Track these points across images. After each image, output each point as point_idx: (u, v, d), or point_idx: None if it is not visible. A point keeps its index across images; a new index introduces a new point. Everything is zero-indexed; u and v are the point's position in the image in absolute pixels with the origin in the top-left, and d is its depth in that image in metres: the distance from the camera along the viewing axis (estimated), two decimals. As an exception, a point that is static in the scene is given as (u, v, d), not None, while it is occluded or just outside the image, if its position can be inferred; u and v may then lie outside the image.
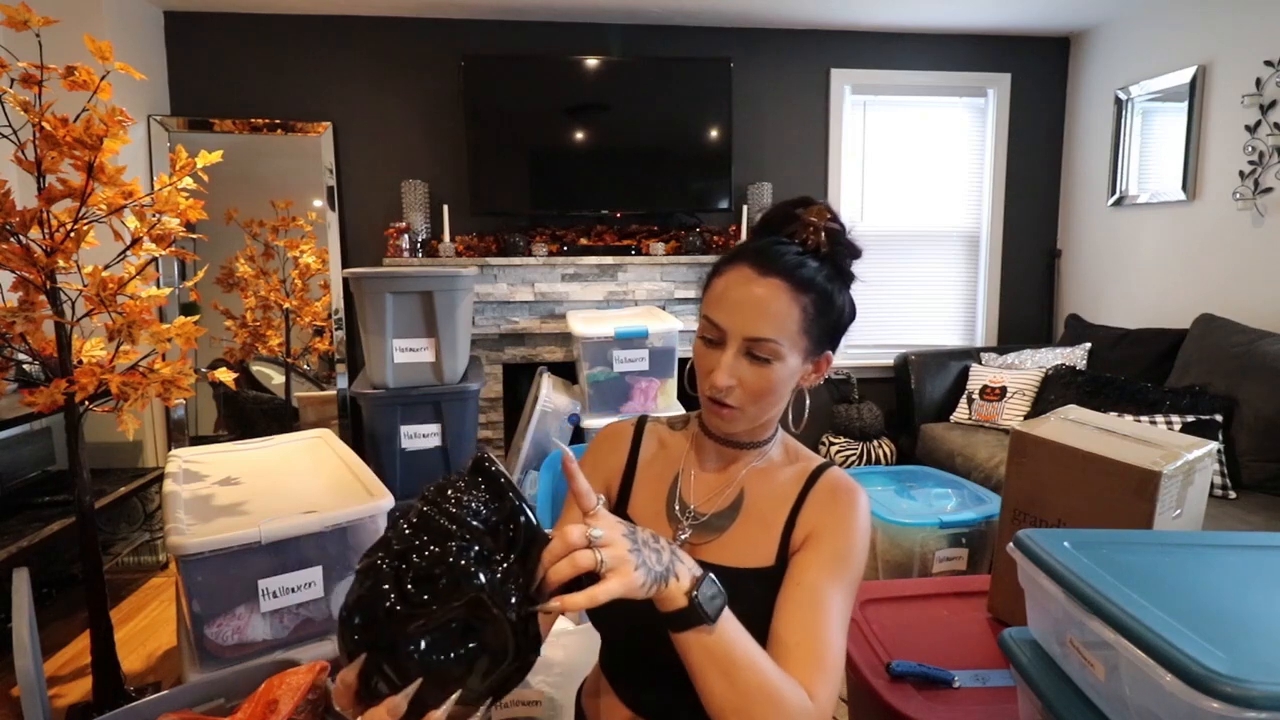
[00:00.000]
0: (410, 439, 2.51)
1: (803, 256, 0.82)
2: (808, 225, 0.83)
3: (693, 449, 0.94)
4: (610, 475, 0.96)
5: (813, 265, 0.82)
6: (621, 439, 0.98)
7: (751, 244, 0.84)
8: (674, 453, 0.95)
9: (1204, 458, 1.29)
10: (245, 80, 3.18)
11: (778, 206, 0.86)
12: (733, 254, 0.85)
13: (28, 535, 2.14)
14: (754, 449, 0.90)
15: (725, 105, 3.22)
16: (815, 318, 0.82)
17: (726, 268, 0.84)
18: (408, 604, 0.62)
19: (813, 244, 0.83)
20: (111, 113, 1.60)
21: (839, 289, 0.85)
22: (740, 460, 0.90)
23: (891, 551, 2.49)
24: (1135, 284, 3.28)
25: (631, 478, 0.95)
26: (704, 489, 0.90)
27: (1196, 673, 0.66)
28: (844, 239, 0.85)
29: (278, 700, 1.21)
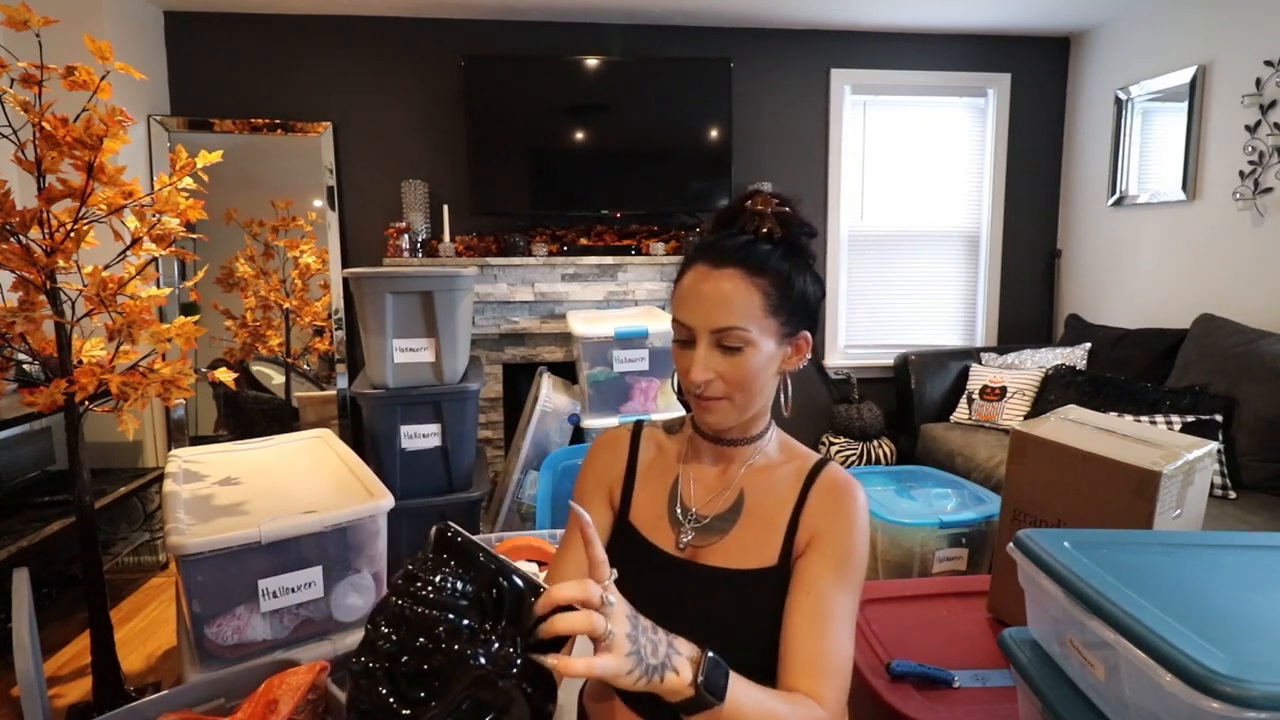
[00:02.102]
0: (410, 439, 2.51)
1: (753, 243, 0.83)
2: (754, 214, 0.84)
3: (689, 451, 0.94)
4: (611, 482, 0.96)
5: (764, 249, 0.83)
6: (619, 445, 0.98)
7: (703, 241, 0.85)
8: (671, 456, 0.95)
9: (1204, 458, 1.29)
10: (245, 80, 3.18)
11: (727, 205, 0.88)
12: (688, 256, 0.86)
13: (28, 535, 2.14)
14: (748, 445, 0.90)
15: (725, 105, 3.22)
16: (778, 299, 0.82)
17: (685, 270, 0.85)
18: (411, 704, 0.61)
19: (764, 230, 0.84)
20: (111, 113, 1.60)
21: (797, 267, 0.85)
22: (737, 459, 0.90)
23: (891, 551, 2.49)
24: (1135, 284, 3.28)
25: (632, 484, 0.95)
26: (704, 491, 0.90)
27: (1196, 673, 0.66)
28: (793, 219, 0.85)
29: (278, 700, 1.21)
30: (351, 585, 1.68)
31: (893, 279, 3.70)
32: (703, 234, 3.26)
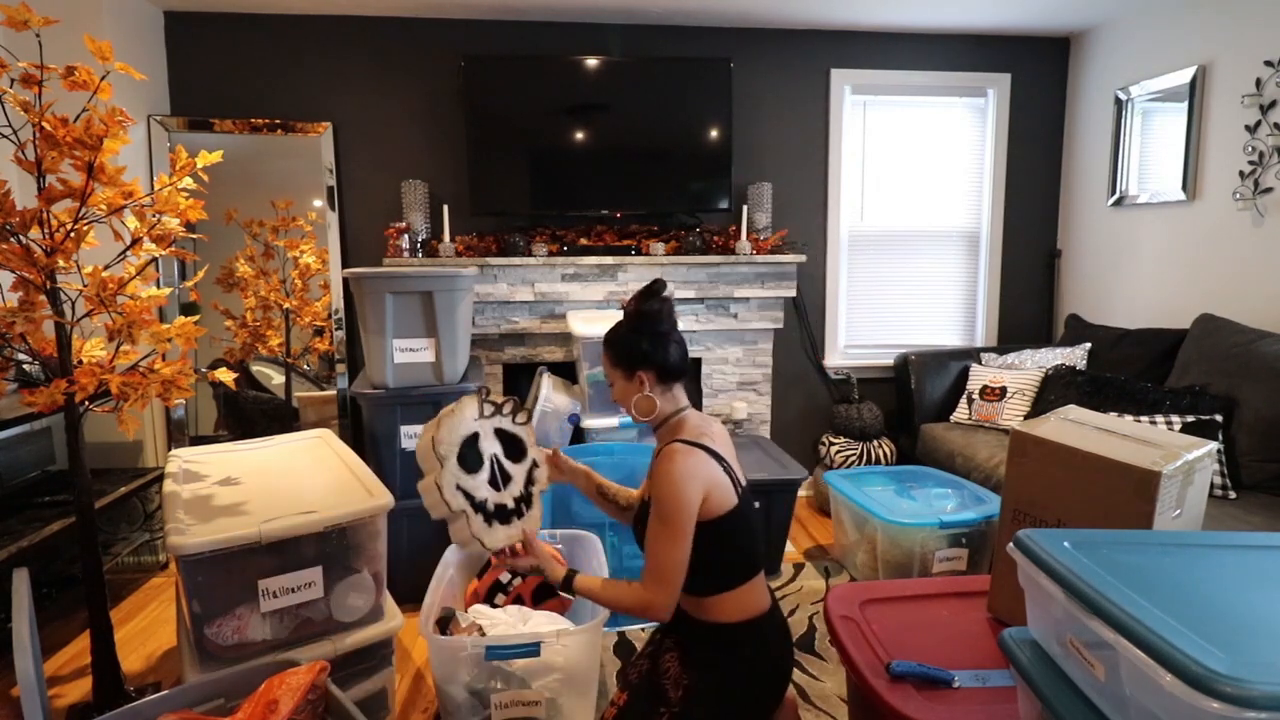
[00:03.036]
0: (410, 439, 2.51)
1: (613, 329, 1.47)
2: (622, 306, 1.48)
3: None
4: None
5: (613, 331, 1.46)
6: None
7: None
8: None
9: (1204, 458, 1.29)
10: (245, 80, 3.18)
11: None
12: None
13: (28, 535, 2.14)
14: (655, 433, 1.47)
15: (725, 105, 3.22)
16: (615, 359, 1.45)
17: None
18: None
19: (621, 321, 1.46)
20: (111, 113, 1.61)
21: (632, 339, 1.42)
22: (657, 438, 1.48)
23: (891, 551, 2.49)
24: (1135, 284, 3.29)
25: None
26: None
27: (1196, 673, 0.66)
28: (630, 312, 1.45)
29: (278, 700, 1.21)
30: (351, 585, 1.68)
31: (893, 279, 3.70)
32: (702, 233, 3.27)
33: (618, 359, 1.45)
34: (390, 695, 1.79)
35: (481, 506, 1.39)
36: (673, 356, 1.43)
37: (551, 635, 1.69)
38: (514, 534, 1.43)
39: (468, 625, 1.86)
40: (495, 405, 1.49)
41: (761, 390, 3.46)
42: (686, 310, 3.30)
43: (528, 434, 1.54)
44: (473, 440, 1.42)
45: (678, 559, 1.29)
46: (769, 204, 3.35)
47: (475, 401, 1.46)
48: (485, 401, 1.48)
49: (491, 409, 1.48)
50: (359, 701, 1.58)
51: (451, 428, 1.40)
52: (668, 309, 1.46)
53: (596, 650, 1.80)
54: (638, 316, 1.45)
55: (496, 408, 1.49)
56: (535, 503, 1.51)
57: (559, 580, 1.39)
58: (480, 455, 1.43)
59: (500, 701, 1.69)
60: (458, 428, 1.41)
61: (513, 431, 1.52)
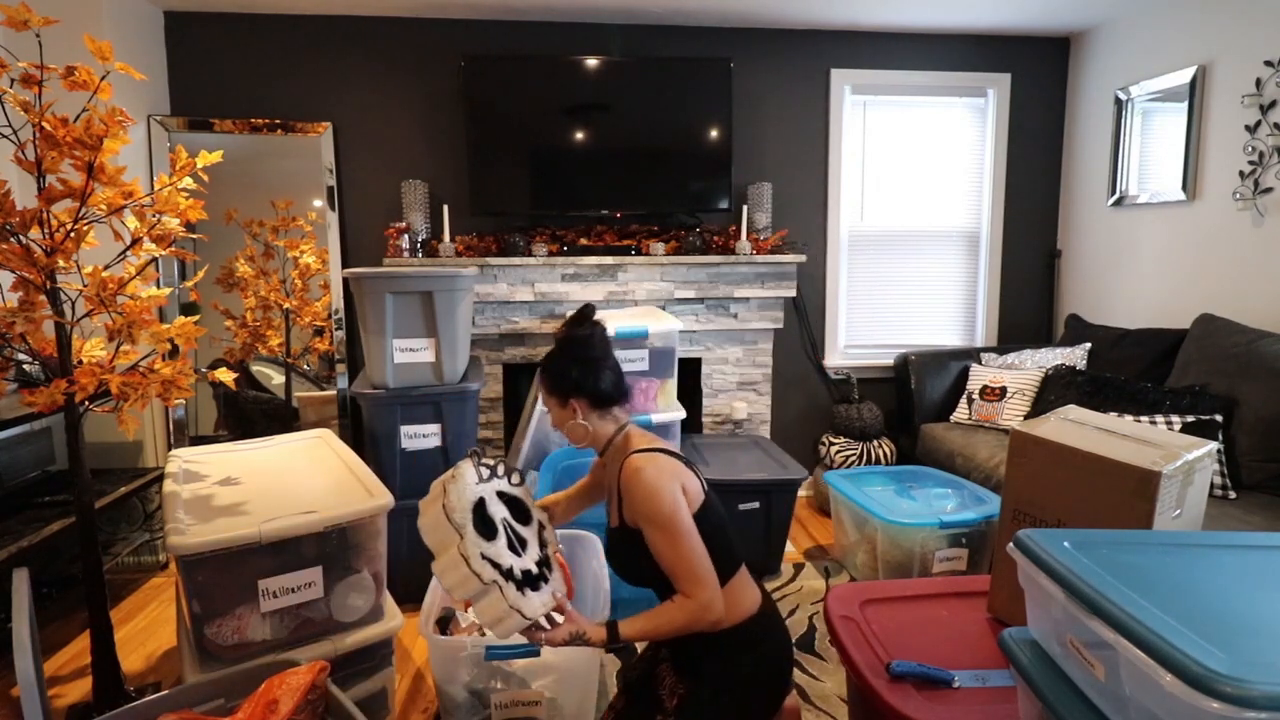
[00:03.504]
0: (410, 439, 2.51)
1: (546, 357, 1.45)
2: (555, 334, 1.47)
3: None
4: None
5: (546, 359, 1.45)
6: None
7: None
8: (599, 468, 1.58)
9: (1204, 458, 1.29)
10: (245, 80, 3.18)
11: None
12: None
13: (28, 535, 2.14)
14: (603, 455, 1.46)
15: (725, 105, 3.22)
16: (551, 388, 1.43)
17: None
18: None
19: (555, 345, 1.45)
20: (111, 113, 1.60)
21: (563, 366, 1.41)
22: (604, 461, 1.47)
23: (891, 551, 2.49)
24: (1135, 284, 3.29)
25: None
26: (605, 482, 1.50)
27: (1196, 673, 0.66)
28: (562, 341, 1.44)
29: (278, 700, 1.21)
30: (351, 585, 1.68)
31: (893, 279, 3.70)
32: (702, 233, 3.28)
33: (551, 387, 1.42)
34: (390, 695, 1.79)
35: (510, 574, 1.24)
36: (604, 383, 1.40)
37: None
38: (548, 600, 1.28)
39: (468, 625, 1.86)
40: (490, 467, 1.40)
41: (761, 390, 3.46)
42: (686, 310, 3.30)
43: (525, 494, 1.46)
44: (480, 506, 1.31)
45: (698, 552, 1.27)
46: (769, 204, 3.35)
47: (472, 465, 1.36)
48: (480, 464, 1.38)
49: (488, 471, 1.39)
50: (359, 701, 1.58)
51: (459, 493, 1.28)
52: (599, 334, 1.44)
53: (596, 651, 1.80)
54: (568, 343, 1.43)
55: (491, 470, 1.41)
56: (555, 565, 1.40)
57: (604, 640, 1.29)
58: (493, 521, 1.30)
59: (500, 701, 1.69)
60: (465, 492, 1.29)
61: (513, 494, 1.43)
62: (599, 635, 1.29)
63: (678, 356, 2.82)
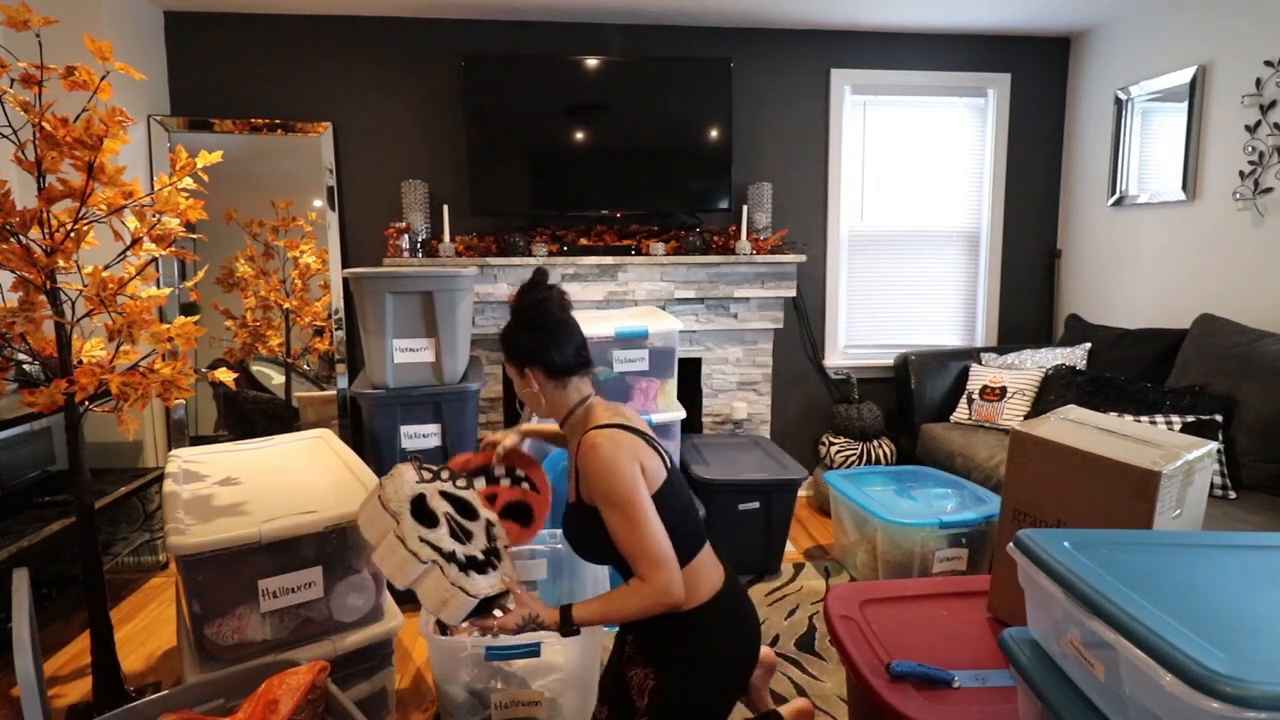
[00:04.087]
0: (410, 439, 2.51)
1: (505, 327, 1.40)
2: (509, 300, 1.40)
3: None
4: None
5: (504, 329, 1.40)
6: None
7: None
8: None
9: (1204, 458, 1.29)
10: (245, 80, 3.18)
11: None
12: None
13: (28, 535, 2.14)
14: (566, 426, 1.43)
15: (725, 105, 3.22)
16: (507, 357, 1.40)
17: None
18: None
19: (511, 314, 1.41)
20: (111, 113, 1.60)
21: (516, 334, 1.37)
22: (566, 433, 1.44)
23: (891, 551, 2.49)
24: (1135, 284, 3.29)
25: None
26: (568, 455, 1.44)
27: (1196, 673, 0.66)
28: (514, 306, 1.40)
29: (278, 700, 1.21)
30: (351, 585, 1.68)
31: (893, 279, 3.70)
32: (702, 233, 3.28)
33: (507, 357, 1.39)
34: (390, 695, 1.79)
35: (452, 557, 1.26)
36: (561, 353, 1.35)
37: (551, 635, 1.69)
38: (495, 583, 1.29)
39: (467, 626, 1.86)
40: (433, 471, 1.43)
41: (761, 390, 3.46)
42: (686, 310, 3.30)
43: (473, 497, 1.47)
44: (420, 500, 1.34)
45: (655, 534, 1.24)
46: (769, 204, 3.35)
47: (412, 467, 1.39)
48: (423, 467, 1.42)
49: (430, 474, 1.41)
50: (359, 701, 1.58)
51: (396, 487, 1.32)
52: (555, 298, 1.38)
53: (596, 650, 1.80)
54: (521, 310, 1.38)
55: (434, 473, 1.43)
56: (506, 557, 1.40)
57: (557, 623, 1.28)
58: (433, 513, 1.33)
59: (500, 701, 1.69)
60: (402, 488, 1.33)
61: (458, 495, 1.44)
62: (552, 617, 1.27)
63: (678, 356, 2.82)
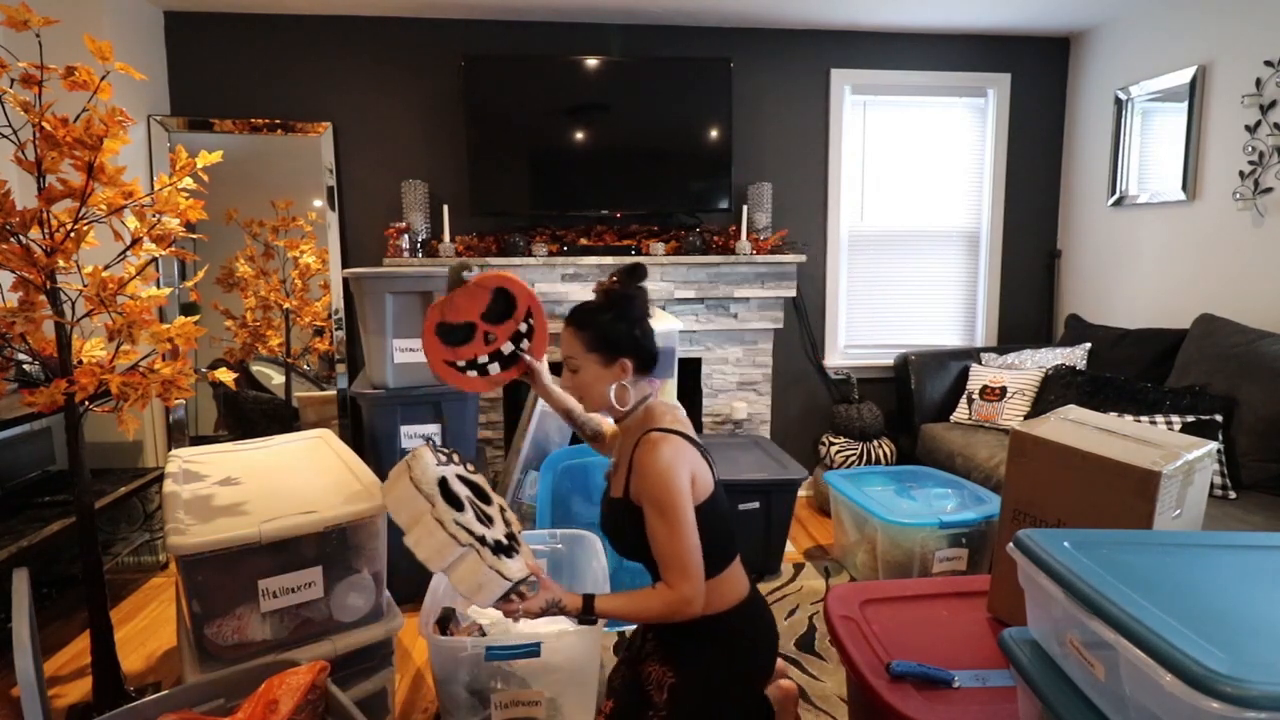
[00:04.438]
0: (410, 439, 2.51)
1: (585, 311, 1.36)
2: (598, 288, 1.39)
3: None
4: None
5: (588, 314, 1.35)
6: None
7: (570, 311, 1.40)
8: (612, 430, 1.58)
9: (1204, 458, 1.29)
10: (245, 80, 3.18)
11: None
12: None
13: (28, 535, 2.14)
14: (621, 423, 1.43)
15: (725, 105, 3.22)
16: (594, 343, 1.34)
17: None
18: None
19: (599, 301, 1.37)
20: (111, 113, 1.61)
21: (611, 321, 1.34)
22: (621, 433, 1.44)
23: (891, 551, 2.49)
24: (1135, 284, 3.29)
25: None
26: (617, 452, 1.45)
27: (1196, 673, 0.66)
28: (613, 294, 1.36)
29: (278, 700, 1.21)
30: (351, 585, 1.68)
31: (893, 279, 3.70)
32: (702, 233, 3.28)
33: (596, 342, 1.34)
34: (390, 695, 1.79)
35: (483, 540, 1.27)
36: (654, 347, 1.38)
37: (552, 635, 1.69)
38: (521, 566, 1.29)
39: (467, 625, 1.86)
40: (446, 453, 1.42)
41: (761, 390, 3.46)
42: (686, 310, 3.30)
43: (483, 481, 1.47)
44: (444, 483, 1.32)
45: (691, 546, 1.24)
46: (769, 204, 3.35)
47: (429, 451, 1.38)
48: (437, 450, 1.40)
49: (444, 457, 1.40)
50: (359, 701, 1.58)
51: (423, 469, 1.30)
52: (644, 296, 1.39)
53: (596, 650, 1.80)
54: (626, 299, 1.36)
55: (448, 456, 1.42)
56: (522, 542, 1.41)
57: (579, 609, 1.28)
58: (458, 497, 1.32)
59: (500, 701, 1.69)
60: (428, 470, 1.31)
61: (471, 479, 1.44)
62: (575, 603, 1.28)
63: (678, 356, 2.82)
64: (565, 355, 1.37)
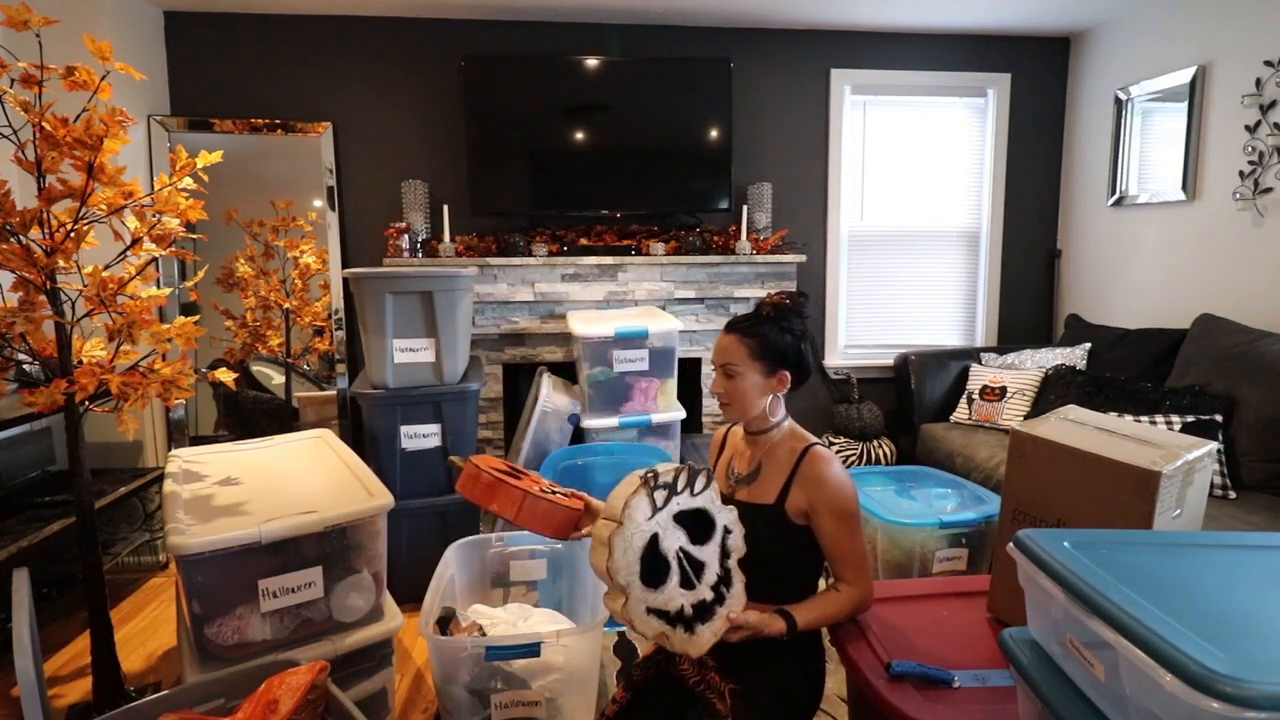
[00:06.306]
0: (410, 439, 2.51)
1: (750, 320, 1.39)
2: (762, 304, 1.42)
3: (742, 439, 1.50)
4: (717, 458, 1.59)
5: (754, 323, 1.38)
6: (719, 436, 1.60)
7: (732, 320, 1.43)
8: (734, 441, 1.54)
9: (1204, 458, 1.29)
10: (245, 80, 3.18)
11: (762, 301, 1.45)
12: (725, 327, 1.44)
13: (28, 535, 2.14)
14: (764, 434, 1.43)
15: (725, 105, 3.22)
16: (759, 351, 1.37)
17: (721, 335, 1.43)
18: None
19: (766, 312, 1.40)
20: (111, 113, 1.60)
21: (777, 333, 1.37)
22: (759, 443, 1.44)
23: (891, 551, 2.49)
24: (1135, 284, 3.29)
25: (720, 456, 1.58)
26: (741, 461, 1.47)
27: (1196, 673, 0.66)
28: (783, 307, 1.39)
29: (278, 700, 1.21)
30: (351, 585, 1.68)
31: (893, 279, 3.70)
32: (702, 233, 3.28)
33: (763, 352, 1.36)
34: (390, 695, 1.79)
35: (679, 618, 1.20)
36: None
37: (551, 635, 1.69)
38: (718, 629, 1.22)
39: (468, 625, 1.86)
40: (668, 487, 1.22)
41: (761, 390, 3.45)
42: (686, 310, 3.30)
43: (713, 497, 1.27)
44: (653, 544, 1.19)
45: (864, 543, 1.36)
46: (769, 204, 3.35)
47: (645, 497, 1.19)
48: (656, 489, 1.21)
49: (665, 494, 1.22)
50: (359, 701, 1.58)
51: (624, 548, 1.16)
52: (808, 314, 1.44)
53: (596, 650, 1.80)
54: (794, 314, 1.39)
55: (670, 490, 1.22)
56: (735, 578, 1.28)
57: (783, 632, 1.26)
58: (665, 558, 1.20)
59: (500, 701, 1.69)
60: (631, 543, 1.17)
61: (694, 508, 1.25)
62: (777, 629, 1.26)
63: (678, 356, 2.82)
64: (723, 362, 1.38)
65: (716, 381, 1.41)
